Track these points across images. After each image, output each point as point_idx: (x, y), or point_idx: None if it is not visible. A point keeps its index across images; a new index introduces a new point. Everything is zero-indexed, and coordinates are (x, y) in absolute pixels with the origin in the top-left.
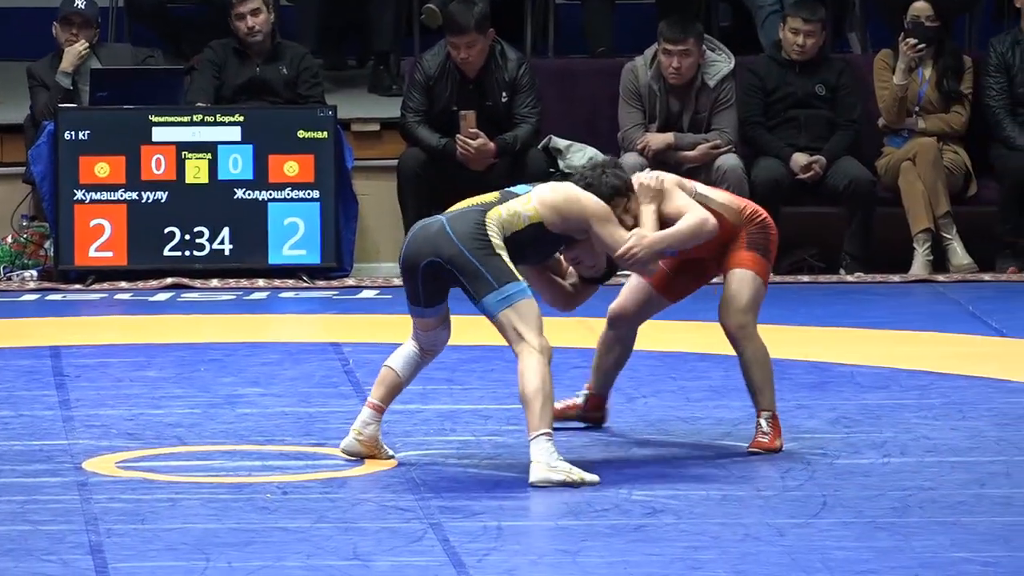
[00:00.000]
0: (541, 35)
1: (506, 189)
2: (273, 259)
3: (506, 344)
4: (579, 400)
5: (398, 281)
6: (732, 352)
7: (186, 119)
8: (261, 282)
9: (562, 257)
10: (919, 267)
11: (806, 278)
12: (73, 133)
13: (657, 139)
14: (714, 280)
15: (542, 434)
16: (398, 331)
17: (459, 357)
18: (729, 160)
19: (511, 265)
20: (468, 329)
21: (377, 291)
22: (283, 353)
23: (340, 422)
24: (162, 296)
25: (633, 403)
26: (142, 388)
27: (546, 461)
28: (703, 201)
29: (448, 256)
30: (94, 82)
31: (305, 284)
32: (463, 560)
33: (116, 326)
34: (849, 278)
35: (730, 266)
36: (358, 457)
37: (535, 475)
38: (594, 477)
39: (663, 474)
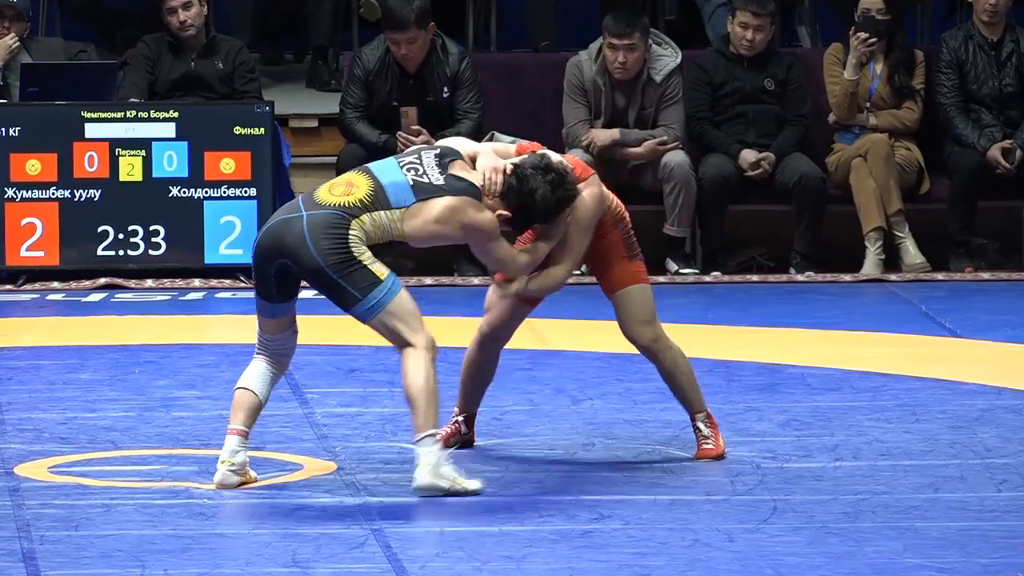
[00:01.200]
0: (483, 29)
1: (380, 184)
2: (209, 259)
3: (447, 346)
4: (461, 427)
5: None
6: None
7: (119, 115)
8: (197, 282)
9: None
10: (871, 266)
11: (755, 278)
12: (3, 129)
13: (602, 135)
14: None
15: (428, 435)
16: (336, 332)
17: (399, 359)
18: (676, 157)
19: (374, 268)
20: None
21: (315, 292)
22: (220, 355)
23: (278, 425)
24: (95, 296)
25: (579, 405)
26: (75, 391)
27: (433, 465)
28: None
29: (309, 269)
30: (25, 77)
31: (242, 284)
32: (405, 567)
33: (48, 327)
34: (799, 277)
35: (616, 285)
36: (235, 487)
37: (420, 480)
38: (476, 484)
39: (610, 478)
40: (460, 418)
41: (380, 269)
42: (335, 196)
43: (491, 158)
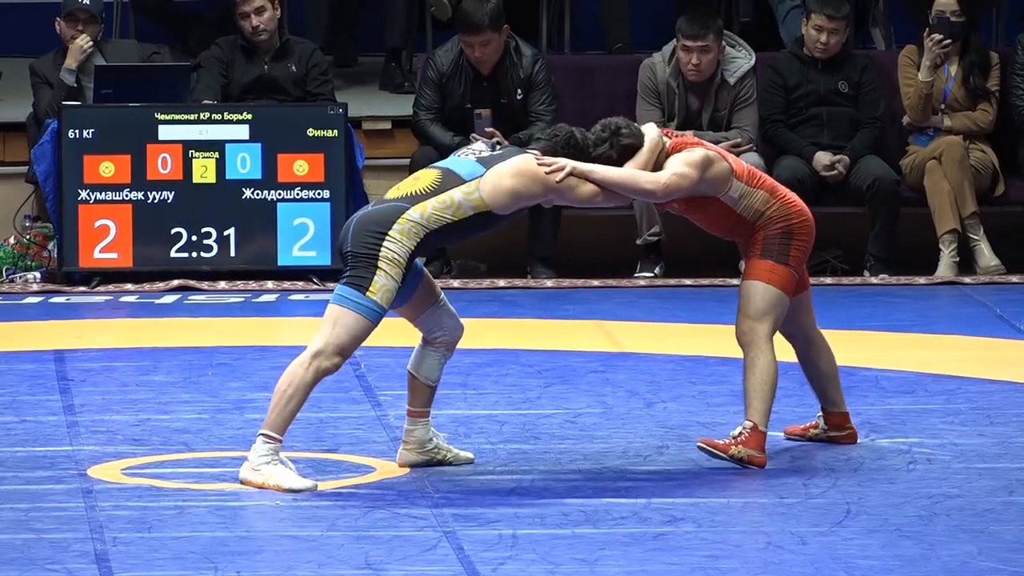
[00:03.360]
0: (557, 31)
1: (450, 168)
2: (283, 260)
3: (521, 348)
4: (820, 422)
5: None
6: None
7: (193, 117)
8: (270, 284)
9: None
10: (945, 269)
11: (829, 280)
12: (77, 131)
13: None
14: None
15: (264, 434)
16: (410, 334)
17: (473, 361)
18: (750, 159)
19: (378, 280)
20: (483, 332)
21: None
22: (293, 357)
23: (351, 427)
24: (169, 298)
25: (652, 408)
26: (148, 393)
27: (252, 463)
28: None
29: (344, 252)
30: (99, 79)
31: (315, 286)
32: (478, 569)
33: (121, 329)
34: (873, 280)
35: (744, 276)
36: (417, 465)
37: (240, 473)
38: (306, 483)
39: (683, 481)
40: (819, 415)
41: (380, 289)
42: (400, 191)
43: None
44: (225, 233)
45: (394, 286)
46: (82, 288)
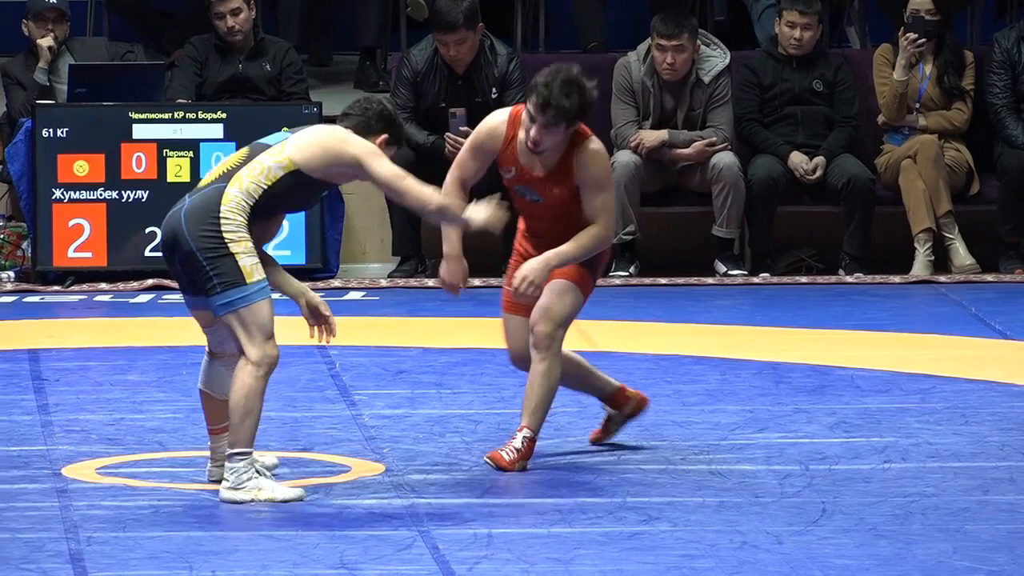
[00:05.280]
0: (532, 30)
1: (257, 141)
2: None
3: (497, 348)
4: (608, 412)
5: (385, 283)
6: (728, 355)
7: (167, 116)
8: None
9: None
10: (920, 268)
11: (804, 279)
12: (51, 131)
13: (651, 136)
14: None
15: (235, 453)
16: (385, 333)
17: (448, 360)
18: (725, 158)
19: (243, 265)
20: (457, 332)
21: (364, 292)
22: None
23: (326, 427)
24: (143, 298)
25: None
26: (123, 392)
27: (232, 483)
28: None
29: (184, 253)
30: (72, 78)
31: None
32: (453, 568)
33: (96, 328)
34: (848, 279)
35: (555, 275)
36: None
37: (221, 495)
38: (296, 492)
39: (658, 480)
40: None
41: (251, 269)
42: (213, 175)
43: None
44: None
45: (254, 256)
46: (56, 287)
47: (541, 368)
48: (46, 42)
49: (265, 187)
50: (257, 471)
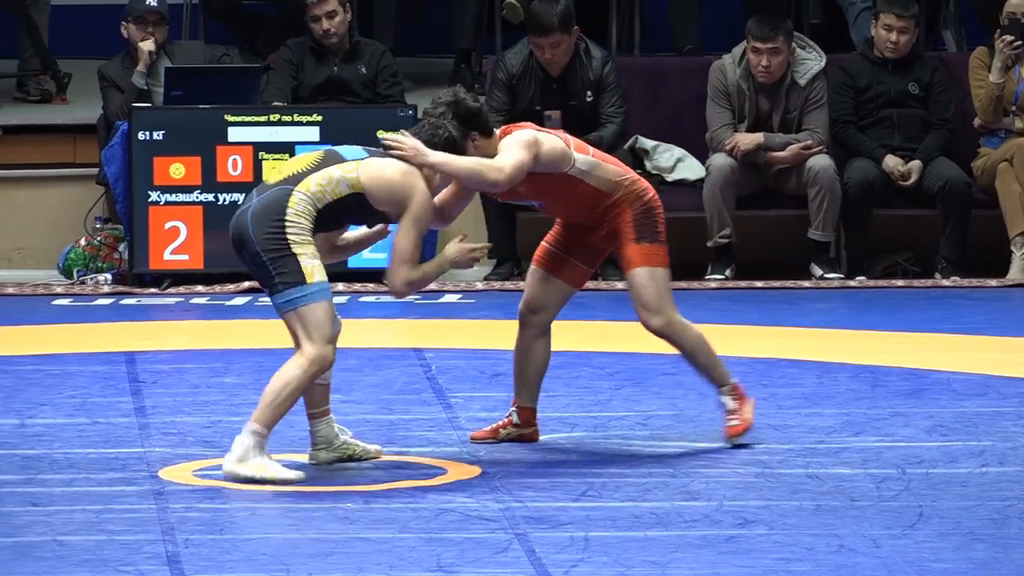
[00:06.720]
0: (627, 33)
1: (333, 148)
2: (353, 262)
3: (593, 351)
4: (513, 417)
5: (481, 285)
6: (825, 359)
7: (263, 119)
8: (340, 285)
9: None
10: (1017, 271)
11: (900, 282)
12: (147, 133)
13: (746, 139)
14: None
15: (252, 430)
16: (481, 336)
17: None
18: (820, 161)
19: (305, 265)
20: (554, 334)
21: (459, 295)
22: (363, 359)
23: (422, 429)
24: (239, 300)
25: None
26: (219, 394)
27: (239, 455)
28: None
29: (250, 253)
30: (169, 81)
31: (386, 288)
32: (549, 572)
33: (192, 331)
34: (945, 282)
35: (626, 268)
36: (329, 463)
37: (224, 467)
38: (296, 474)
39: (754, 484)
40: (513, 409)
41: (312, 270)
42: (281, 174)
43: None
44: None
45: (317, 259)
46: (153, 290)
47: (685, 347)
48: (147, 45)
49: (330, 200)
50: (263, 453)
